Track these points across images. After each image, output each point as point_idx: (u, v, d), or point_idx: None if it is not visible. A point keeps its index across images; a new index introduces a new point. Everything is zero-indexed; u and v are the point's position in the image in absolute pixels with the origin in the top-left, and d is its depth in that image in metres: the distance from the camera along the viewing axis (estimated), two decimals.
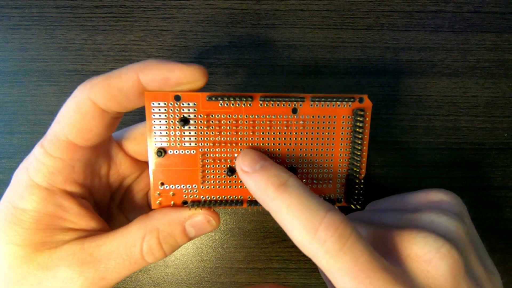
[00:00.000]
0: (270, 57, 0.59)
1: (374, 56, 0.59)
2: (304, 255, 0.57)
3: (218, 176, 0.39)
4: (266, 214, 0.60)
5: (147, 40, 0.59)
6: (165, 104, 0.37)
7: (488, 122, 0.60)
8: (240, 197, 0.40)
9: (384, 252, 0.35)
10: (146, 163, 0.44)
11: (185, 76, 0.35)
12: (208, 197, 0.39)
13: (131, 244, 0.37)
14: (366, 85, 0.59)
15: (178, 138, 0.38)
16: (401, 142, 0.60)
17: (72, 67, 0.58)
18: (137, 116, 0.58)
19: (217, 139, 0.38)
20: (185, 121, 0.37)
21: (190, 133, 0.37)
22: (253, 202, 0.40)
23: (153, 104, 0.36)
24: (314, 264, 0.59)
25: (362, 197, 0.40)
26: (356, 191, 0.40)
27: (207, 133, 0.38)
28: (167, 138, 0.38)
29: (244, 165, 0.36)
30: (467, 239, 0.37)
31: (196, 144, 0.38)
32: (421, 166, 0.60)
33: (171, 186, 0.39)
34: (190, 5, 0.59)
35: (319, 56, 0.59)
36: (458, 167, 0.60)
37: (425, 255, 0.33)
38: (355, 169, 0.40)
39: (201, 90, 0.37)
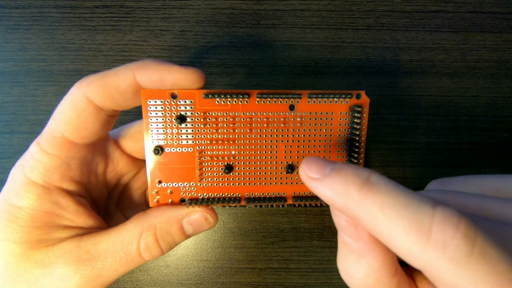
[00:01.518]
0: (270, 57, 0.59)
1: (374, 56, 0.59)
2: (304, 255, 0.57)
3: (216, 174, 0.39)
4: (266, 214, 0.60)
5: (147, 40, 0.59)
6: (161, 102, 0.37)
7: (488, 122, 0.60)
8: (238, 194, 0.40)
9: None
10: (144, 161, 0.44)
11: (182, 78, 0.36)
12: (205, 195, 0.39)
13: (128, 241, 0.37)
14: (366, 85, 0.59)
15: (175, 136, 0.38)
16: (401, 142, 0.60)
17: (72, 67, 0.58)
18: (136, 116, 0.58)
19: (214, 136, 0.38)
20: (182, 119, 0.37)
21: (187, 130, 0.37)
22: (251, 200, 0.40)
23: (150, 102, 0.36)
24: (314, 264, 0.59)
25: None
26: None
27: (204, 130, 0.38)
28: (164, 136, 0.38)
29: (311, 172, 0.29)
30: None
31: (193, 142, 0.38)
32: (421, 166, 0.60)
33: (168, 184, 0.39)
34: (190, 5, 0.59)
35: (319, 56, 0.59)
36: (458, 167, 0.60)
37: None
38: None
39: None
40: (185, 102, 0.37)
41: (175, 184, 0.39)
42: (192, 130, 0.38)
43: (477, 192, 0.34)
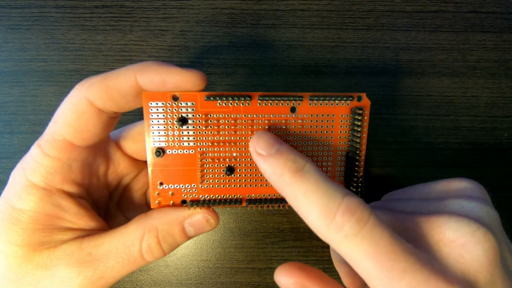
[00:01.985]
0: (270, 57, 0.59)
1: (374, 56, 0.59)
2: (304, 255, 0.57)
3: (217, 176, 0.39)
4: (266, 214, 0.60)
5: (147, 40, 0.59)
6: (163, 104, 0.36)
7: (488, 122, 0.60)
8: (239, 196, 0.40)
9: (409, 239, 0.32)
10: (145, 162, 0.44)
11: (183, 80, 0.36)
12: (207, 197, 0.39)
13: (130, 243, 0.37)
14: (366, 85, 0.59)
15: (177, 138, 0.38)
16: (401, 142, 0.60)
17: (72, 67, 0.58)
18: (137, 116, 0.58)
19: (215, 138, 0.38)
20: (183, 120, 0.37)
21: (188, 132, 0.37)
22: (252, 201, 0.40)
23: (151, 104, 0.36)
24: (314, 264, 0.59)
25: (360, 196, 0.40)
26: (355, 190, 0.40)
27: (205, 132, 0.38)
28: (165, 138, 0.37)
29: (259, 147, 0.35)
30: (498, 226, 0.36)
31: (194, 143, 0.38)
32: (421, 166, 0.60)
33: (170, 185, 0.39)
34: (190, 5, 0.59)
35: (319, 56, 0.59)
36: (458, 167, 0.60)
37: (458, 239, 0.32)
38: (353, 167, 0.40)
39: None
40: (187, 104, 0.37)
41: (177, 186, 0.39)
42: (194, 132, 0.37)
43: (408, 197, 0.44)
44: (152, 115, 0.37)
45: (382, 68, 0.59)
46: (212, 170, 0.39)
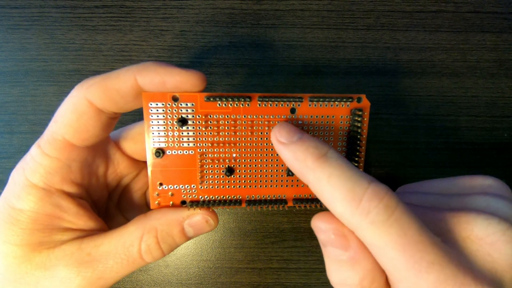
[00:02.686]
0: (270, 57, 0.59)
1: (374, 56, 0.59)
2: (304, 255, 0.57)
3: (217, 176, 0.39)
4: (266, 214, 0.60)
5: (147, 40, 0.59)
6: (163, 104, 0.36)
7: (488, 122, 0.60)
8: (239, 197, 0.40)
9: (434, 233, 0.31)
10: (144, 162, 0.44)
11: (183, 81, 0.35)
12: (206, 197, 0.39)
13: (129, 243, 0.37)
14: (366, 85, 0.59)
15: (177, 139, 0.38)
16: (401, 142, 0.60)
17: (72, 67, 0.58)
18: (137, 116, 0.58)
19: (215, 139, 0.38)
20: (183, 121, 0.37)
21: (188, 133, 0.37)
22: (252, 202, 0.40)
23: (151, 104, 0.36)
24: (314, 264, 0.59)
25: None
26: None
27: (205, 133, 0.38)
28: (165, 139, 0.37)
29: (281, 136, 0.35)
30: None
31: (194, 144, 0.38)
32: (421, 166, 0.60)
33: (169, 186, 0.39)
34: (190, 5, 0.59)
35: (319, 56, 0.59)
36: (458, 167, 0.60)
37: (488, 237, 0.31)
38: None
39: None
40: (187, 105, 0.37)
41: (176, 187, 0.39)
42: (194, 133, 0.37)
43: (426, 191, 0.42)
44: (152, 116, 0.37)
45: (382, 68, 0.59)
46: (211, 171, 0.39)
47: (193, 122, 0.37)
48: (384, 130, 0.60)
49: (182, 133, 0.37)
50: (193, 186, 0.39)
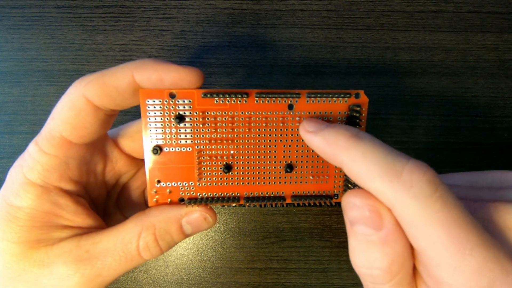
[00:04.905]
0: (270, 57, 0.59)
1: (374, 56, 0.59)
2: (304, 255, 0.57)
3: (215, 173, 0.39)
4: (266, 214, 0.60)
5: (147, 40, 0.59)
6: (160, 101, 0.36)
7: (488, 122, 0.60)
8: (237, 194, 0.40)
9: None
10: (143, 160, 0.44)
11: (180, 78, 0.35)
12: (204, 194, 0.39)
13: (127, 240, 0.37)
14: (366, 85, 0.59)
15: (174, 136, 0.37)
16: (401, 142, 0.60)
17: (72, 67, 0.58)
18: (137, 116, 0.58)
19: (213, 136, 0.38)
20: (180, 118, 0.37)
21: (185, 130, 0.37)
22: (250, 199, 0.40)
23: (148, 101, 0.36)
24: (314, 264, 0.59)
25: None
26: (352, 186, 0.40)
27: (203, 130, 0.37)
28: (162, 136, 0.37)
29: (309, 126, 0.35)
30: None
31: (192, 141, 0.38)
32: None
33: (167, 183, 0.39)
34: (190, 5, 0.59)
35: (319, 56, 0.59)
36: (458, 167, 0.60)
37: None
38: None
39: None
40: (184, 101, 0.37)
41: (174, 184, 0.39)
42: (191, 130, 0.37)
43: (454, 183, 0.40)
44: (149, 113, 0.37)
45: (382, 68, 0.59)
46: (209, 168, 0.39)
47: (191, 119, 0.37)
48: (384, 130, 0.60)
49: (180, 130, 0.37)
50: (191, 183, 0.39)
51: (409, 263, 0.31)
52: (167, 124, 0.37)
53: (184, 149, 0.38)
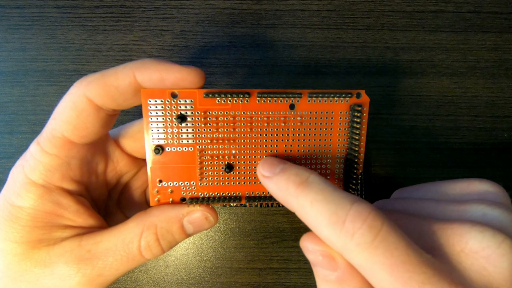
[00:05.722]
0: (270, 57, 0.59)
1: (374, 56, 0.59)
2: (304, 255, 0.57)
3: (216, 173, 0.39)
4: (266, 214, 0.60)
5: (147, 40, 0.59)
6: (161, 101, 0.36)
7: (488, 122, 0.60)
8: (238, 193, 0.40)
9: (426, 246, 0.31)
10: (144, 160, 0.44)
11: (182, 78, 0.35)
12: (206, 194, 0.39)
13: (129, 240, 0.37)
14: (366, 85, 0.59)
15: (176, 135, 0.38)
16: (401, 142, 0.60)
17: (72, 67, 0.58)
18: (137, 116, 0.58)
19: (214, 136, 0.38)
20: (182, 118, 0.37)
21: (187, 130, 0.37)
22: (251, 199, 0.40)
23: (150, 101, 0.36)
24: None
25: (359, 193, 0.40)
26: (354, 187, 0.40)
27: (204, 130, 0.38)
28: (164, 136, 0.37)
29: (264, 170, 0.36)
30: None
31: (193, 141, 0.38)
32: (421, 166, 0.60)
33: (169, 183, 0.39)
34: (190, 5, 0.59)
35: (319, 56, 0.59)
36: (458, 167, 0.60)
37: (483, 250, 0.29)
38: (353, 165, 0.40)
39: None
40: (186, 101, 0.37)
41: (176, 183, 0.39)
42: (193, 130, 0.37)
43: (421, 196, 0.41)
44: (151, 113, 0.37)
45: (382, 68, 0.60)
46: (211, 168, 0.39)
47: (192, 118, 0.37)
48: (384, 130, 0.60)
49: (181, 130, 0.37)
50: (193, 183, 0.39)
51: None
52: (169, 124, 0.37)
53: (185, 148, 0.38)
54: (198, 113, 0.37)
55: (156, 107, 0.37)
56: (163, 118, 0.37)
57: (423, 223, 0.34)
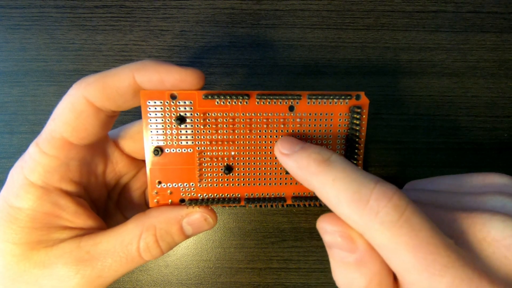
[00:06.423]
0: (270, 57, 0.59)
1: (374, 56, 0.59)
2: (304, 255, 0.57)
3: (215, 175, 0.39)
4: (266, 214, 0.60)
5: (147, 40, 0.59)
6: (161, 102, 0.36)
7: (488, 122, 0.60)
8: (238, 195, 0.40)
9: (447, 235, 0.30)
10: (143, 161, 0.45)
11: (181, 79, 0.35)
12: (205, 195, 0.39)
13: (128, 241, 0.37)
14: (366, 85, 0.59)
15: (175, 137, 0.38)
16: (401, 142, 0.60)
17: (72, 67, 0.58)
18: (137, 117, 0.58)
19: (214, 137, 0.38)
20: (181, 119, 0.37)
21: (186, 131, 0.37)
22: (251, 200, 0.40)
23: (149, 102, 0.36)
24: (314, 264, 0.59)
25: None
26: None
27: (203, 131, 0.38)
28: (163, 137, 0.38)
29: (283, 148, 0.35)
30: None
31: (193, 142, 0.38)
32: (421, 166, 0.60)
33: (168, 184, 0.39)
34: (190, 5, 0.59)
35: (319, 56, 0.59)
36: (458, 167, 0.60)
37: (505, 239, 0.30)
38: None
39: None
40: (185, 103, 0.37)
41: (175, 185, 0.39)
42: (192, 131, 0.37)
43: (436, 188, 0.41)
44: (150, 114, 0.37)
45: (382, 68, 0.59)
46: (210, 169, 0.39)
47: (192, 120, 0.37)
48: (384, 130, 0.60)
49: (181, 131, 0.37)
50: (192, 184, 0.39)
51: (387, 280, 0.31)
52: (168, 125, 0.37)
53: (185, 150, 0.38)
54: (197, 114, 0.37)
55: (156, 108, 0.37)
56: (162, 120, 0.37)
57: (442, 211, 0.34)
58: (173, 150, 0.38)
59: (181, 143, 0.38)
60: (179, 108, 0.37)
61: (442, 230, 0.30)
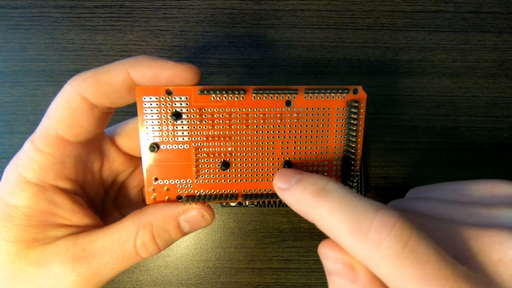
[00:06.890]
0: (270, 57, 0.59)
1: (374, 56, 0.59)
2: (304, 255, 0.57)
3: (212, 171, 0.39)
4: (266, 214, 0.60)
5: (147, 40, 0.59)
6: (156, 98, 0.36)
7: (488, 122, 0.60)
8: (235, 191, 0.39)
9: (458, 255, 0.29)
10: (140, 158, 0.44)
11: (177, 74, 0.35)
12: (202, 192, 0.39)
13: (124, 239, 0.37)
14: (366, 85, 0.59)
15: (171, 133, 0.37)
16: (401, 142, 0.60)
17: (72, 67, 0.58)
18: (135, 115, 0.58)
19: (210, 133, 0.38)
20: (177, 115, 0.37)
21: (183, 127, 0.37)
22: (248, 196, 0.40)
23: (144, 98, 0.36)
24: (314, 264, 0.59)
25: (358, 190, 0.40)
26: (351, 184, 0.40)
27: (200, 127, 0.37)
28: (159, 133, 0.37)
29: (281, 183, 0.34)
30: None
31: (189, 138, 0.38)
32: (421, 166, 0.60)
33: (165, 181, 0.39)
34: (190, 5, 0.59)
35: (319, 56, 0.59)
36: (458, 167, 0.60)
37: None
38: (350, 161, 0.39)
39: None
40: (181, 98, 0.36)
41: (172, 181, 0.39)
42: (188, 127, 0.37)
43: (441, 196, 0.38)
44: (146, 110, 0.37)
45: (382, 68, 0.59)
46: (207, 165, 0.39)
47: (188, 116, 0.37)
48: (384, 130, 0.59)
49: (177, 127, 0.37)
50: (189, 181, 0.39)
51: None
52: (164, 121, 0.37)
53: (181, 146, 0.38)
54: (193, 110, 0.37)
55: (151, 104, 0.36)
56: (158, 116, 0.37)
57: (453, 227, 0.31)
58: (169, 147, 0.38)
59: (177, 139, 0.38)
60: (175, 104, 0.37)
61: (455, 250, 0.29)
